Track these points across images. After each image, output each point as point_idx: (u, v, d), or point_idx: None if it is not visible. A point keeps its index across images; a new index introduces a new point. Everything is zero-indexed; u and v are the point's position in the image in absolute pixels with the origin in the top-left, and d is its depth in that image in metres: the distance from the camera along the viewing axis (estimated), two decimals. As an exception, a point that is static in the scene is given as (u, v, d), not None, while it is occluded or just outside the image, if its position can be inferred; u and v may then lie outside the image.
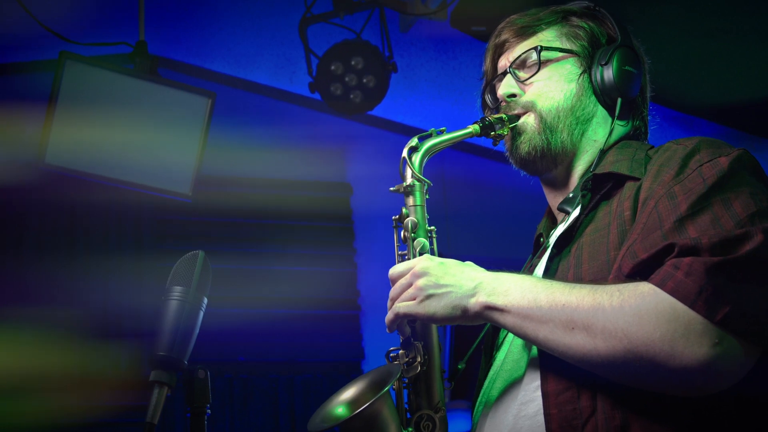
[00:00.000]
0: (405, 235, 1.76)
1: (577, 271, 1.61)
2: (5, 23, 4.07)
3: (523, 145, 1.82)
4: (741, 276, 1.41)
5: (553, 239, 1.78)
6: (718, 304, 1.40)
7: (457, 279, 1.61)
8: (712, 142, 1.61)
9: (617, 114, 1.81)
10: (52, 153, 3.35)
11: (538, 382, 1.57)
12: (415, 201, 1.77)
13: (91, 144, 3.42)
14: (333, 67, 4.22)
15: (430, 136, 1.81)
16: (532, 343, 1.60)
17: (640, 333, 1.42)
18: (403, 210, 1.77)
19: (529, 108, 1.82)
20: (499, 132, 1.82)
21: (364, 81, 4.24)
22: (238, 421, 4.98)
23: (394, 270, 1.68)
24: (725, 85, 4.91)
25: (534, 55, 1.83)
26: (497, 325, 1.61)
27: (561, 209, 1.78)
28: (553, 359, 1.54)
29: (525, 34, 1.88)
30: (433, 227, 1.79)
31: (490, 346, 1.84)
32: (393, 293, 1.67)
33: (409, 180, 1.78)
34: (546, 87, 1.82)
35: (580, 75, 1.83)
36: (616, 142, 1.81)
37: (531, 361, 1.62)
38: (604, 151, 1.79)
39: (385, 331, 1.69)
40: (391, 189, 1.81)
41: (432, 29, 4.81)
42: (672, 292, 1.42)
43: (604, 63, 1.82)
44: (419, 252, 1.73)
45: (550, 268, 1.67)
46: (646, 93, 1.91)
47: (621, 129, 1.84)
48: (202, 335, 1.69)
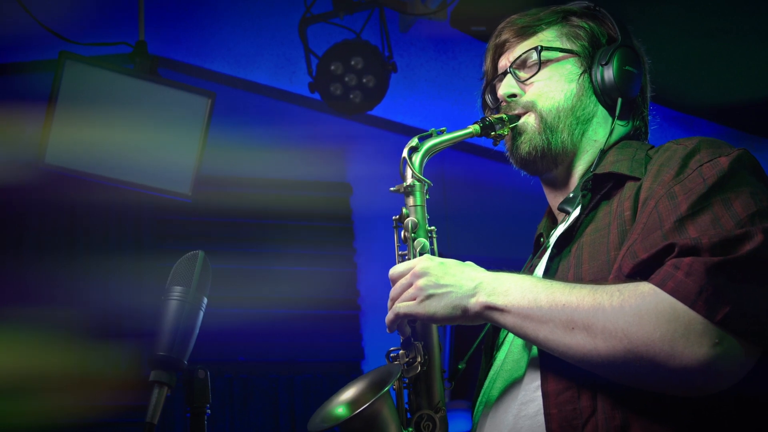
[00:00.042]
0: (405, 235, 1.76)
1: (578, 271, 1.61)
2: (5, 23, 4.07)
3: (524, 145, 1.82)
4: (741, 276, 1.41)
5: (553, 239, 1.77)
6: (719, 304, 1.40)
7: (458, 279, 1.61)
8: (712, 142, 1.61)
9: (617, 114, 1.81)
10: (52, 153, 3.35)
11: (539, 382, 1.57)
12: (415, 201, 1.77)
13: (91, 144, 3.41)
14: (333, 67, 4.22)
15: (430, 136, 1.81)
16: (532, 343, 1.60)
17: (640, 333, 1.42)
18: (403, 210, 1.77)
19: (529, 108, 1.82)
20: (500, 132, 1.82)
21: (364, 81, 4.23)
22: (238, 421, 4.97)
23: (395, 270, 1.68)
24: (725, 85, 4.90)
25: (534, 55, 1.83)
26: (497, 325, 1.61)
27: (561, 209, 1.78)
28: (553, 359, 1.54)
29: (525, 34, 1.88)
30: (433, 227, 1.79)
31: (490, 346, 1.84)
32: (393, 293, 1.67)
33: (409, 180, 1.78)
34: (546, 87, 1.82)
35: (581, 75, 1.83)
36: (616, 142, 1.81)
37: (531, 361, 1.62)
38: (604, 151, 1.79)
39: (385, 331, 1.69)
40: (391, 189, 1.81)
41: (432, 29, 4.81)
42: (672, 292, 1.42)
43: (604, 63, 1.82)
44: (419, 252, 1.73)
45: (550, 268, 1.67)
46: (647, 93, 1.91)
47: (621, 129, 1.84)
48: (202, 335, 1.69)
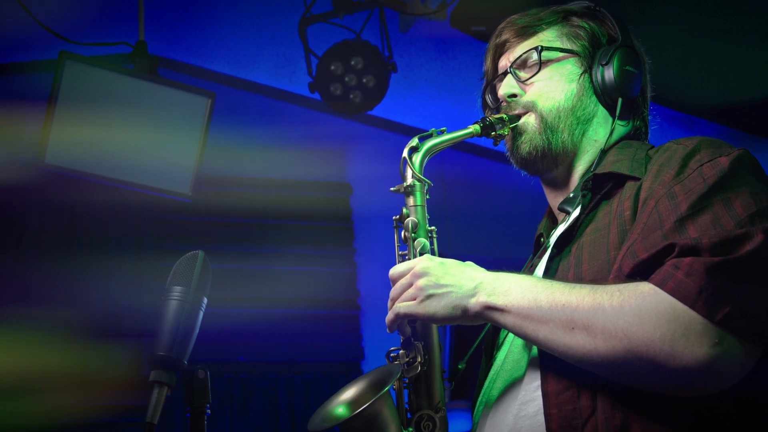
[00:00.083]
0: (405, 235, 1.76)
1: (578, 270, 1.61)
2: (5, 23, 4.07)
3: (524, 145, 1.82)
4: (741, 276, 1.41)
5: (553, 239, 1.77)
6: (719, 304, 1.40)
7: (458, 279, 1.61)
8: (712, 141, 1.61)
9: (618, 114, 1.81)
10: (52, 153, 3.35)
11: (539, 382, 1.57)
12: (415, 201, 1.77)
13: (91, 144, 3.41)
14: (333, 67, 4.22)
15: (430, 136, 1.81)
16: (532, 343, 1.60)
17: (640, 333, 1.42)
18: (403, 210, 1.77)
19: (529, 108, 1.82)
20: (500, 132, 1.82)
21: (364, 81, 4.23)
22: (238, 421, 4.97)
23: (395, 270, 1.68)
24: (725, 85, 4.90)
25: (534, 55, 1.83)
26: (497, 325, 1.61)
27: (561, 209, 1.78)
28: (553, 359, 1.54)
29: (526, 34, 1.88)
30: (433, 227, 1.79)
31: (490, 346, 1.84)
32: (393, 293, 1.67)
33: (409, 180, 1.78)
34: (547, 87, 1.82)
35: (581, 75, 1.83)
36: (616, 142, 1.81)
37: (531, 361, 1.62)
38: (604, 151, 1.79)
39: (385, 331, 1.69)
40: (391, 189, 1.81)
41: (432, 29, 4.81)
42: (672, 292, 1.42)
43: (604, 63, 1.82)
44: (419, 252, 1.73)
45: (550, 268, 1.67)
46: (647, 93, 1.91)
47: (621, 129, 1.84)
48: (202, 335, 1.69)
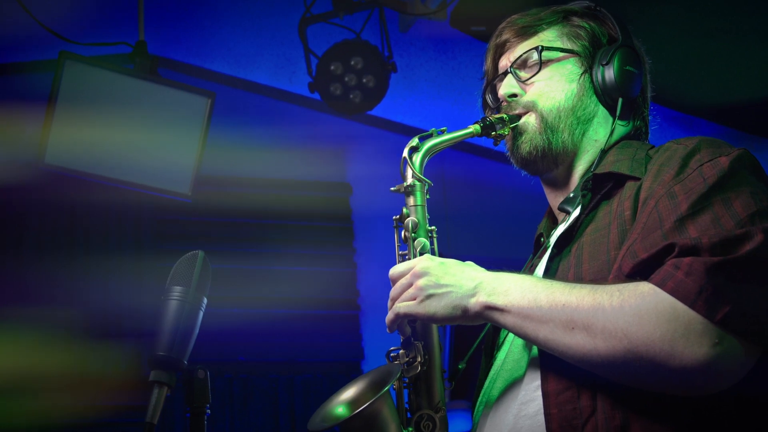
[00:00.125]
0: (405, 235, 1.76)
1: (578, 270, 1.61)
2: (5, 23, 4.07)
3: (525, 145, 1.82)
4: (741, 276, 1.41)
5: (553, 239, 1.77)
6: (718, 304, 1.40)
7: (458, 279, 1.61)
8: (712, 141, 1.61)
9: (618, 114, 1.81)
10: (51, 153, 3.35)
11: (539, 382, 1.57)
12: (415, 201, 1.77)
13: (91, 144, 3.41)
14: (332, 67, 4.22)
15: (430, 136, 1.81)
16: (533, 343, 1.60)
17: (640, 333, 1.42)
18: (403, 210, 1.77)
19: (530, 108, 1.82)
20: (500, 132, 1.82)
21: (364, 81, 4.23)
22: (238, 421, 4.97)
23: (395, 270, 1.68)
24: (725, 85, 4.90)
25: (535, 55, 1.83)
26: (497, 324, 1.61)
27: (561, 209, 1.78)
28: (553, 359, 1.54)
29: (526, 34, 1.88)
30: (433, 227, 1.79)
31: (490, 346, 1.84)
32: (393, 293, 1.67)
33: (409, 180, 1.78)
34: (547, 87, 1.82)
35: (581, 75, 1.83)
36: (616, 142, 1.81)
37: (531, 361, 1.62)
38: (604, 151, 1.79)
39: (385, 331, 1.69)
40: (391, 189, 1.81)
41: (431, 29, 4.80)
42: (672, 292, 1.42)
43: (605, 63, 1.82)
44: (420, 252, 1.72)
45: (550, 268, 1.67)
46: (647, 93, 1.91)
47: (622, 129, 1.84)
48: (202, 335, 1.69)
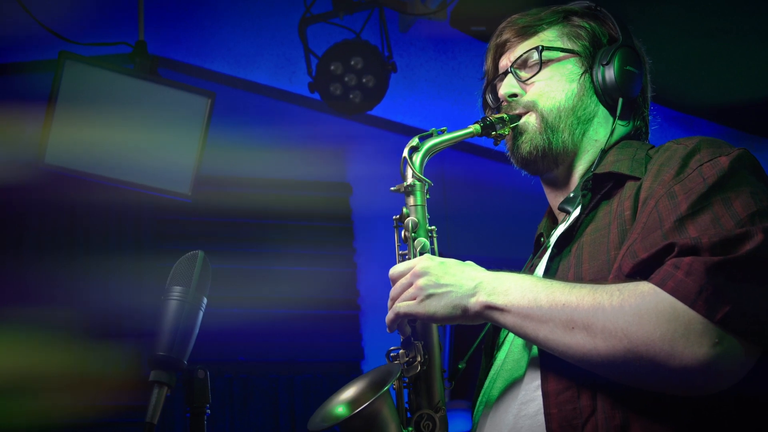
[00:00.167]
0: (405, 234, 1.76)
1: (578, 270, 1.61)
2: (5, 23, 4.07)
3: (525, 145, 1.82)
4: (741, 275, 1.41)
5: (553, 239, 1.77)
6: (718, 304, 1.40)
7: (458, 278, 1.61)
8: (712, 141, 1.61)
9: (618, 114, 1.81)
10: (51, 153, 3.35)
11: (539, 382, 1.57)
12: (415, 201, 1.77)
13: (91, 144, 3.41)
14: (332, 67, 4.22)
15: (430, 135, 1.81)
16: (533, 343, 1.60)
17: (640, 332, 1.42)
18: (403, 210, 1.77)
19: (530, 108, 1.82)
20: (500, 132, 1.82)
21: (364, 81, 4.23)
22: (238, 421, 4.97)
23: (395, 270, 1.68)
24: (725, 85, 4.90)
25: (535, 55, 1.83)
26: (497, 324, 1.61)
27: (562, 209, 1.78)
28: (553, 359, 1.54)
29: (526, 33, 1.88)
30: (433, 227, 1.79)
31: (490, 345, 1.84)
32: (393, 293, 1.67)
33: (409, 180, 1.78)
34: (547, 87, 1.82)
35: (582, 75, 1.83)
36: (616, 142, 1.81)
37: (531, 361, 1.62)
38: (605, 151, 1.79)
39: (385, 330, 1.69)
40: (392, 189, 1.81)
41: (431, 29, 4.81)
42: (672, 292, 1.42)
43: (605, 63, 1.82)
44: (420, 252, 1.72)
45: (550, 267, 1.67)
46: (647, 93, 1.91)
47: (622, 129, 1.84)
48: (201, 335, 1.69)
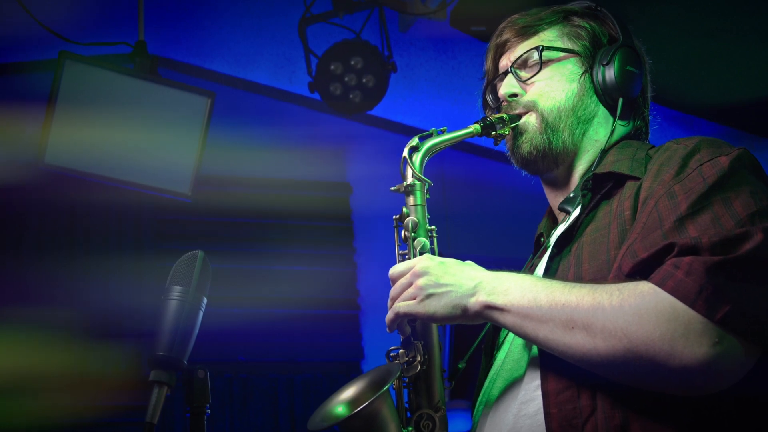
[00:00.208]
0: (405, 234, 1.76)
1: (578, 270, 1.61)
2: (5, 23, 4.07)
3: (525, 145, 1.82)
4: (741, 275, 1.41)
5: (553, 239, 1.77)
6: (718, 304, 1.40)
7: (457, 278, 1.61)
8: (712, 141, 1.61)
9: (619, 114, 1.81)
10: (51, 153, 3.35)
11: (539, 382, 1.57)
12: (415, 200, 1.77)
13: (90, 144, 3.41)
14: (332, 67, 4.22)
15: (430, 135, 1.81)
16: (532, 343, 1.60)
17: (640, 332, 1.42)
18: (403, 209, 1.77)
19: (530, 108, 1.82)
20: (500, 132, 1.82)
21: (364, 81, 4.23)
22: (238, 421, 4.97)
23: (395, 269, 1.68)
24: (725, 85, 4.91)
25: (535, 55, 1.83)
26: (497, 324, 1.61)
27: (562, 209, 1.78)
28: (553, 358, 1.54)
29: (526, 33, 1.88)
30: (433, 227, 1.79)
31: (490, 345, 1.84)
32: (393, 293, 1.67)
33: (409, 179, 1.78)
34: (547, 87, 1.82)
35: (582, 75, 1.83)
36: (617, 142, 1.81)
37: (531, 361, 1.62)
38: (605, 151, 1.79)
39: (385, 330, 1.69)
40: (391, 188, 1.81)
41: (431, 29, 4.81)
42: (672, 292, 1.42)
43: (605, 63, 1.82)
44: (419, 251, 1.72)
45: (550, 267, 1.67)
46: (647, 93, 1.91)
47: (622, 129, 1.84)
48: (201, 335, 1.69)
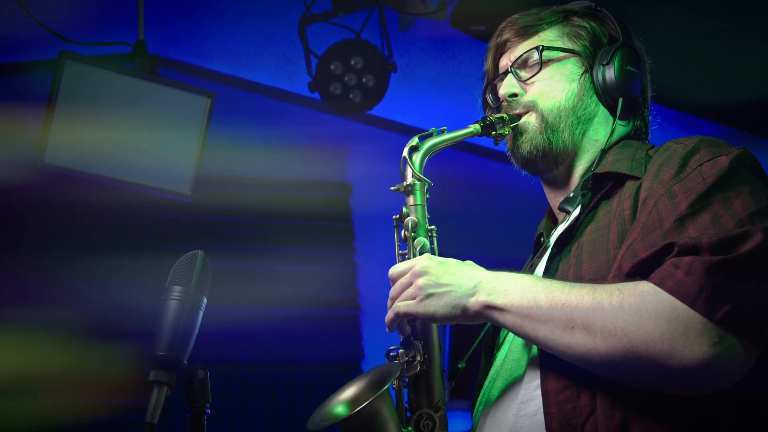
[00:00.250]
0: (405, 234, 1.76)
1: (578, 270, 1.61)
2: (5, 23, 4.07)
3: (525, 145, 1.82)
4: (741, 275, 1.41)
5: (553, 239, 1.78)
6: (718, 303, 1.40)
7: (457, 278, 1.61)
8: (712, 141, 1.61)
9: (618, 114, 1.81)
10: (51, 153, 3.35)
11: (538, 381, 1.57)
12: (415, 200, 1.77)
13: (90, 144, 3.41)
14: (332, 67, 4.22)
15: (430, 135, 1.81)
16: (532, 343, 1.60)
17: (640, 332, 1.42)
18: (403, 209, 1.77)
19: (530, 107, 1.82)
20: (500, 131, 1.82)
21: (364, 81, 4.23)
22: (238, 420, 4.98)
23: (394, 269, 1.68)
24: (725, 85, 4.90)
25: (535, 55, 1.83)
26: (497, 324, 1.61)
27: (561, 209, 1.78)
28: (553, 358, 1.54)
29: (526, 33, 1.88)
30: (433, 227, 1.79)
31: (490, 345, 1.84)
32: (393, 292, 1.67)
33: (409, 179, 1.78)
34: (547, 87, 1.82)
35: (582, 75, 1.83)
36: (617, 142, 1.81)
37: (531, 360, 1.62)
38: (605, 151, 1.79)
39: (385, 330, 1.69)
40: (391, 188, 1.81)
41: (431, 29, 4.81)
42: (672, 291, 1.42)
43: (605, 63, 1.82)
44: (419, 251, 1.73)
45: (550, 267, 1.67)
46: (647, 93, 1.91)
47: (622, 129, 1.84)
48: (201, 335, 1.69)
